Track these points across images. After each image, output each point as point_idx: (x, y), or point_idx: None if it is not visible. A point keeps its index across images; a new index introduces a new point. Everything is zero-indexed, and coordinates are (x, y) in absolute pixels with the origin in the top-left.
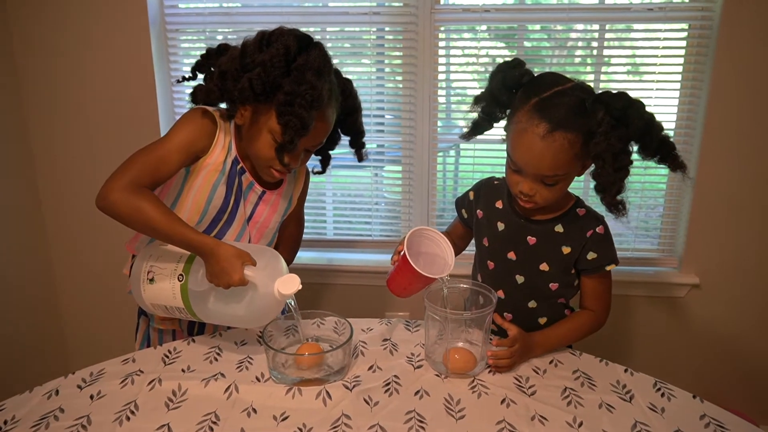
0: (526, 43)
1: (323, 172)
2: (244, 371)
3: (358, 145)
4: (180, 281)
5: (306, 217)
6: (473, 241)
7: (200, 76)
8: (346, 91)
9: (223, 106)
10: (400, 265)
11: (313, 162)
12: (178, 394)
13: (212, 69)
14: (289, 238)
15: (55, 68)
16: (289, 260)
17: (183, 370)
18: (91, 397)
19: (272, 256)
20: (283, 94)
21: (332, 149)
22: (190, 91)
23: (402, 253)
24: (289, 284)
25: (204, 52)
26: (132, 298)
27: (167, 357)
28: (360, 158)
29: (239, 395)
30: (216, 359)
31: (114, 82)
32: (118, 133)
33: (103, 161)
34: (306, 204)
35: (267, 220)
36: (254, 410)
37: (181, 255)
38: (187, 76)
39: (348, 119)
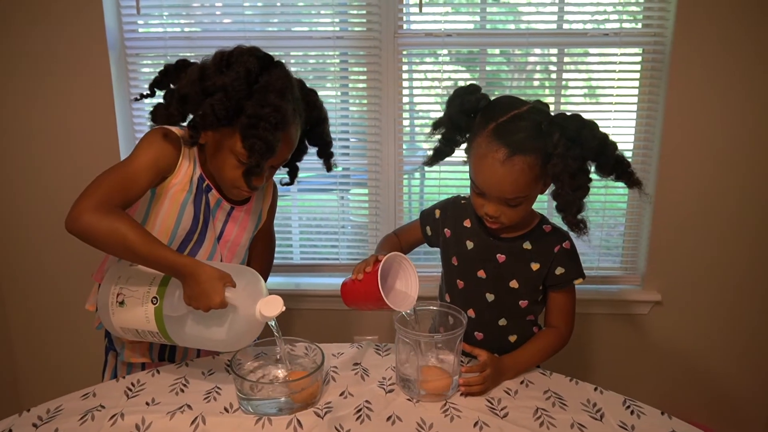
0: (487, 68)
1: (291, 183)
2: (212, 402)
3: (325, 155)
4: (154, 304)
5: None
6: (440, 261)
7: (159, 93)
8: (310, 102)
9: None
10: (366, 284)
11: (281, 173)
12: (141, 429)
13: (171, 86)
14: (260, 255)
15: (10, 92)
16: (264, 275)
17: (147, 403)
18: None
19: (252, 276)
20: (247, 117)
21: (299, 160)
22: (149, 109)
23: (373, 272)
24: (272, 306)
25: (162, 68)
26: (98, 335)
27: (130, 390)
28: (328, 168)
29: (206, 427)
30: (182, 390)
31: (72, 106)
32: (77, 158)
33: (61, 188)
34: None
35: (238, 238)
36: None
37: (154, 276)
38: (145, 93)
39: (314, 130)
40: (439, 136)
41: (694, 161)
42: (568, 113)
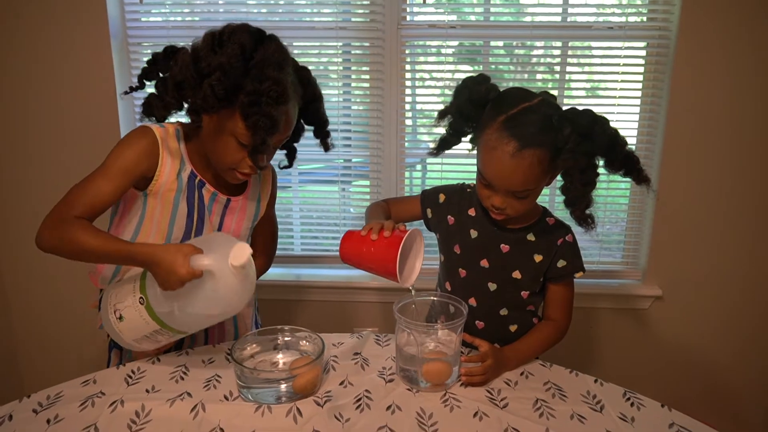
0: (490, 59)
1: (290, 165)
2: (212, 390)
3: (323, 135)
4: (143, 304)
5: None
6: (439, 250)
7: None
8: (304, 79)
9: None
10: (382, 250)
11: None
12: (141, 416)
13: (161, 75)
14: (263, 244)
15: (10, 81)
16: (267, 263)
17: (147, 391)
18: (48, 421)
19: (221, 237)
20: (246, 94)
21: (297, 141)
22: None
23: (395, 242)
24: (240, 253)
25: (150, 58)
26: (101, 332)
27: (130, 377)
28: (326, 148)
29: (206, 415)
30: (182, 378)
31: (74, 96)
32: (78, 148)
33: (61, 178)
34: None
35: (237, 229)
36: (222, 430)
37: (135, 279)
38: (134, 85)
39: (310, 108)
40: (445, 125)
41: (696, 156)
42: (580, 108)
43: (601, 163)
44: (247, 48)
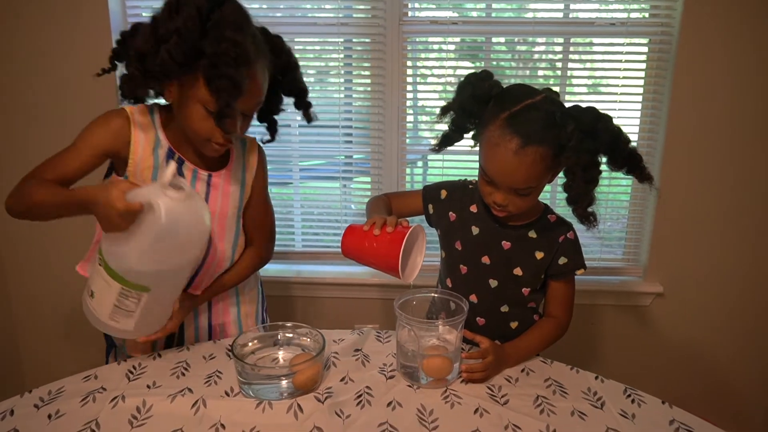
0: (492, 56)
1: (273, 140)
2: (213, 385)
3: (304, 105)
4: (101, 265)
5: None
6: (440, 246)
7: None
8: (277, 48)
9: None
10: (385, 246)
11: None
12: (142, 411)
13: (130, 54)
14: (258, 229)
15: (11, 77)
16: (265, 256)
17: (148, 386)
18: (49, 416)
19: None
20: (206, 58)
21: (276, 113)
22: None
23: (398, 239)
24: (165, 173)
25: (118, 38)
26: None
27: (131, 372)
28: (309, 119)
29: (207, 410)
30: (183, 374)
31: (75, 92)
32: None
33: None
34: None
35: (224, 207)
36: (222, 426)
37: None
38: (106, 68)
39: (286, 78)
40: (447, 122)
41: (698, 153)
42: (583, 105)
43: (604, 160)
44: (202, 10)
